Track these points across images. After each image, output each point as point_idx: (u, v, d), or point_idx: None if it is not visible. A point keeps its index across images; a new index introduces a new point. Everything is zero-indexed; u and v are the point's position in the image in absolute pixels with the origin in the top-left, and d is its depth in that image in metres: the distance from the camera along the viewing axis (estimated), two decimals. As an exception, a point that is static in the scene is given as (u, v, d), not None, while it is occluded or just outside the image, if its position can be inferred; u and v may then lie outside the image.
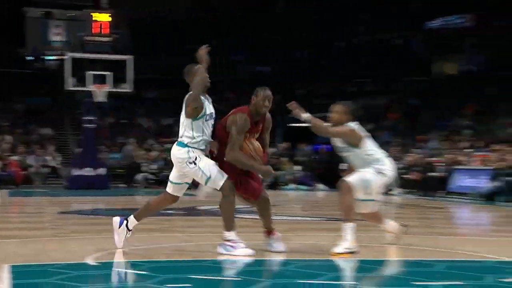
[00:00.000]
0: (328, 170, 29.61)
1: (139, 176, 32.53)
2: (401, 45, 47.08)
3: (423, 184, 26.84)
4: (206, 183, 8.16)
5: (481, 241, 11.85)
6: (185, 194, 8.90)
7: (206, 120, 8.21)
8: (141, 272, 6.86)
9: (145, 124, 41.67)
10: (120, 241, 8.58)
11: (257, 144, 7.92)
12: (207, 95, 8.44)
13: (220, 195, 8.24)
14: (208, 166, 7.98)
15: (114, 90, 31.17)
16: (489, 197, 23.14)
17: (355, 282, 7.00)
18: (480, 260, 8.43)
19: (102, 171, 30.58)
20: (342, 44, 49.48)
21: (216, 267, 7.75)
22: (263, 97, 7.84)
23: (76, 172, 30.25)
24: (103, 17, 47.31)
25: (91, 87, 30.24)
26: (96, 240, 10.22)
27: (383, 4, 45.79)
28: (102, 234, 10.76)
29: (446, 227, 15.15)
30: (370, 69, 45.58)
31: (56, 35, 52.66)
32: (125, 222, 8.48)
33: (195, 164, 7.93)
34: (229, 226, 7.95)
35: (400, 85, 42.89)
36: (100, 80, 30.40)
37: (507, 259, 8.19)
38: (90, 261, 7.54)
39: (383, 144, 33.40)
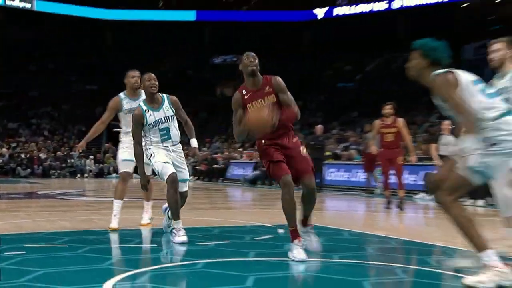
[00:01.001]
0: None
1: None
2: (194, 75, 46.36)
3: (209, 173, 26.98)
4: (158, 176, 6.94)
5: (245, 212, 12.22)
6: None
7: (151, 128, 6.71)
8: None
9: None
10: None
11: (254, 113, 5.83)
12: (155, 103, 6.81)
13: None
14: (157, 162, 6.67)
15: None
16: (252, 182, 23.51)
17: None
18: (244, 225, 8.53)
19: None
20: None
21: (48, 237, 6.93)
22: (245, 57, 6.13)
23: None
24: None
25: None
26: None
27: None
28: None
29: (224, 203, 15.51)
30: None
31: None
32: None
33: (150, 160, 6.76)
34: (173, 215, 6.62)
35: (195, 103, 42.53)
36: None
37: (261, 224, 8.36)
38: None
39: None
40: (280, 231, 7.41)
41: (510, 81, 5.60)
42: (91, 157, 31.02)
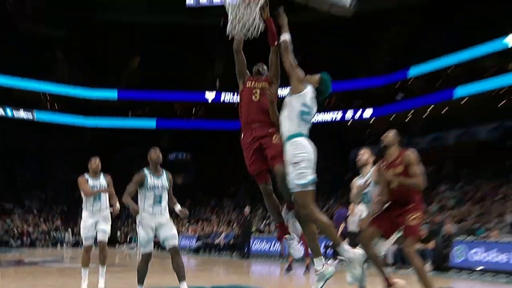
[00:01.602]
0: None
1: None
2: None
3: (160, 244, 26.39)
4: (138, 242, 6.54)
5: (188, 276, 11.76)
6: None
7: (148, 190, 6.21)
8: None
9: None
10: None
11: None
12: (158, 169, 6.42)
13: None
14: (141, 234, 6.33)
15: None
16: (196, 251, 23.12)
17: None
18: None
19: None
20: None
21: None
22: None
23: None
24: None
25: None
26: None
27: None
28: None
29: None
30: None
31: None
32: None
33: (137, 226, 6.38)
34: (138, 281, 6.38)
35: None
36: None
37: (200, 285, 7.94)
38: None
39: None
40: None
41: (370, 178, 5.91)
42: (69, 229, 30.23)
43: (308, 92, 4.72)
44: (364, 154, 6.17)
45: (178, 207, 6.62)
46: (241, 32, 4.72)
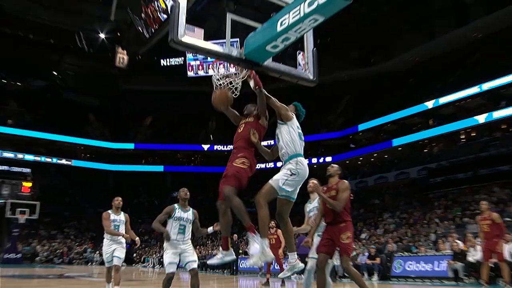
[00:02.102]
0: None
1: None
2: (160, 203, 45.52)
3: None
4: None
5: None
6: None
7: (175, 221, 5.98)
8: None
9: None
10: None
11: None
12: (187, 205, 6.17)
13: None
14: (166, 258, 5.93)
15: None
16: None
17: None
18: None
19: None
20: None
21: None
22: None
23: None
24: None
25: None
26: None
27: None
28: None
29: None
30: None
31: None
32: None
33: (164, 251, 6.07)
34: None
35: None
36: None
37: None
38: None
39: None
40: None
41: (317, 203, 5.70)
42: (97, 252, 29.79)
43: (295, 117, 4.64)
44: (312, 183, 5.85)
45: (210, 229, 6.13)
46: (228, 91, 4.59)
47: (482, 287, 8.87)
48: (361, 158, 34.65)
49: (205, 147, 41.64)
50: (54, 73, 40.76)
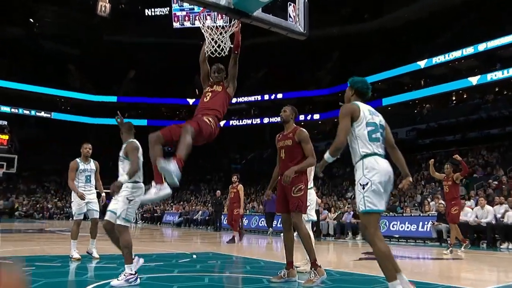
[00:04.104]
0: None
1: None
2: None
3: (151, 219, 26.10)
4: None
5: (172, 244, 11.64)
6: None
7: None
8: None
9: None
10: None
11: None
12: None
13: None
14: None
15: None
16: (178, 225, 22.83)
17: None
18: (172, 253, 8.12)
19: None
20: None
21: (48, 259, 6.42)
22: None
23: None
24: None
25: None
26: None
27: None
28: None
29: (160, 238, 14.65)
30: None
31: None
32: None
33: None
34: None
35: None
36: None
37: (182, 252, 7.97)
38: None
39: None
40: (194, 256, 7.27)
41: None
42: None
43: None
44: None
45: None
46: (210, 47, 4.37)
47: (461, 247, 9.04)
48: (350, 117, 34.66)
49: (190, 101, 41.08)
50: (31, 20, 39.11)
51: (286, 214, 4.80)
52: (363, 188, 3.40)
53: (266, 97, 38.98)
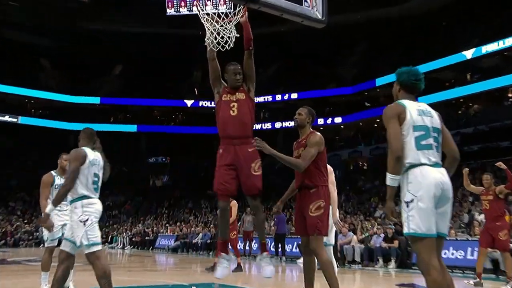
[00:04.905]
0: None
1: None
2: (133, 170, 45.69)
3: (142, 243, 26.16)
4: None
5: (168, 273, 11.82)
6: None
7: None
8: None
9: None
10: None
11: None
12: None
13: None
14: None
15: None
16: (174, 250, 22.97)
17: None
18: (166, 285, 8.15)
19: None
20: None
21: None
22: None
23: None
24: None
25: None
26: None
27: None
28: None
29: (152, 266, 14.85)
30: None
31: None
32: None
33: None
34: None
35: (132, 191, 41.72)
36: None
37: (178, 283, 7.89)
38: None
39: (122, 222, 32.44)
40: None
41: None
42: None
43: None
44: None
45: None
46: (215, 41, 4.47)
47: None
48: (378, 120, 34.53)
49: (189, 103, 41.38)
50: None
51: (305, 236, 4.82)
52: (407, 206, 3.39)
53: (278, 97, 39.11)
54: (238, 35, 4.53)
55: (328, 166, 5.08)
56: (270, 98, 38.71)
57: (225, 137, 4.61)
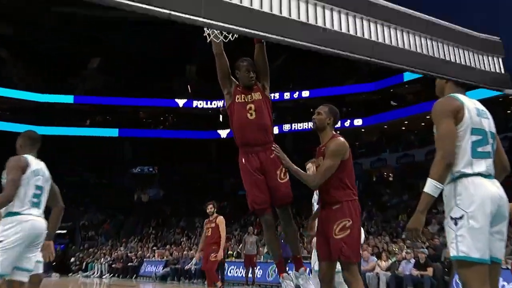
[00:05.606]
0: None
1: None
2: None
3: (124, 270, 26.06)
4: None
5: None
6: None
7: None
8: None
9: None
10: None
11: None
12: None
13: None
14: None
15: None
16: (163, 279, 22.92)
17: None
18: None
19: None
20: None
21: None
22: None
23: None
24: None
25: None
26: None
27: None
28: None
29: None
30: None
31: None
32: None
33: None
34: None
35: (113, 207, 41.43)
36: None
37: None
38: None
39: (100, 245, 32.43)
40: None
41: None
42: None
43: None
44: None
45: None
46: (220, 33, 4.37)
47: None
48: (406, 122, 34.59)
49: (181, 102, 41.45)
50: None
51: (326, 262, 4.71)
52: (455, 224, 3.22)
53: (287, 95, 39.12)
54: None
55: None
56: (277, 96, 38.65)
57: (244, 144, 4.76)
